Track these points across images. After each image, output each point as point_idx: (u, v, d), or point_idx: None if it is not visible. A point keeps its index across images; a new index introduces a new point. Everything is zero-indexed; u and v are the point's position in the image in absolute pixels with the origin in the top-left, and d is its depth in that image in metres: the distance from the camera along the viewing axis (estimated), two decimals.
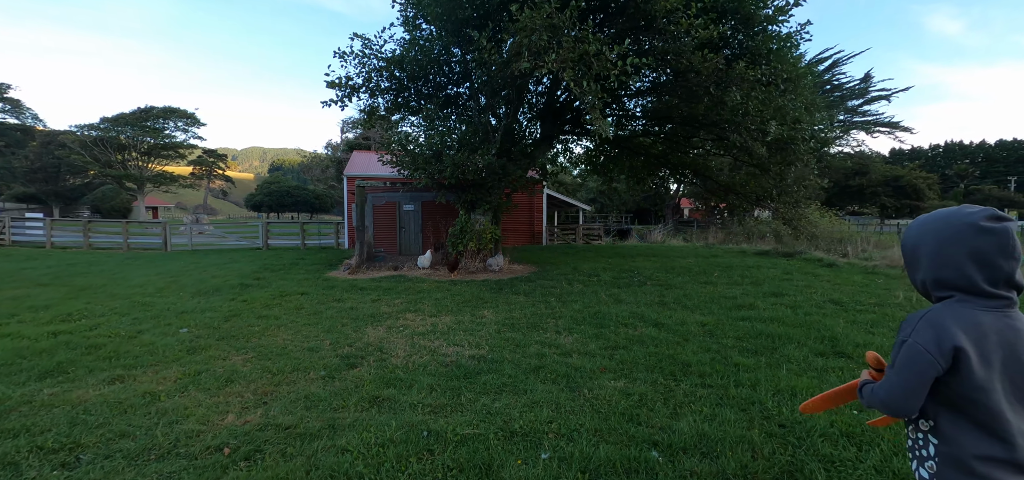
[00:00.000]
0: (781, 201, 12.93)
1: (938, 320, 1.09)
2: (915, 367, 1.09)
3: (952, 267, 1.10)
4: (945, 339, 1.06)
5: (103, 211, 62.78)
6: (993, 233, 1.06)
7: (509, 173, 10.22)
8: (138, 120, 53.54)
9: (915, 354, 1.08)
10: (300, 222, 20.31)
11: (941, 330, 1.07)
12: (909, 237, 1.22)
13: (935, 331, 1.07)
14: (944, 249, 1.12)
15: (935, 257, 1.13)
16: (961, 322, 1.07)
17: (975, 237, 1.07)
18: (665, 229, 30.40)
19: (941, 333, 1.06)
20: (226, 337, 5.21)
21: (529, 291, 8.02)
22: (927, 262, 1.16)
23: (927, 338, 1.08)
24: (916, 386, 1.09)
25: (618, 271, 10.28)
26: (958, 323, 1.07)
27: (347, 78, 10.20)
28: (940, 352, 1.06)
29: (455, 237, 10.59)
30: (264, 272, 10.70)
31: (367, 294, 7.84)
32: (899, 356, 1.12)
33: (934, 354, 1.06)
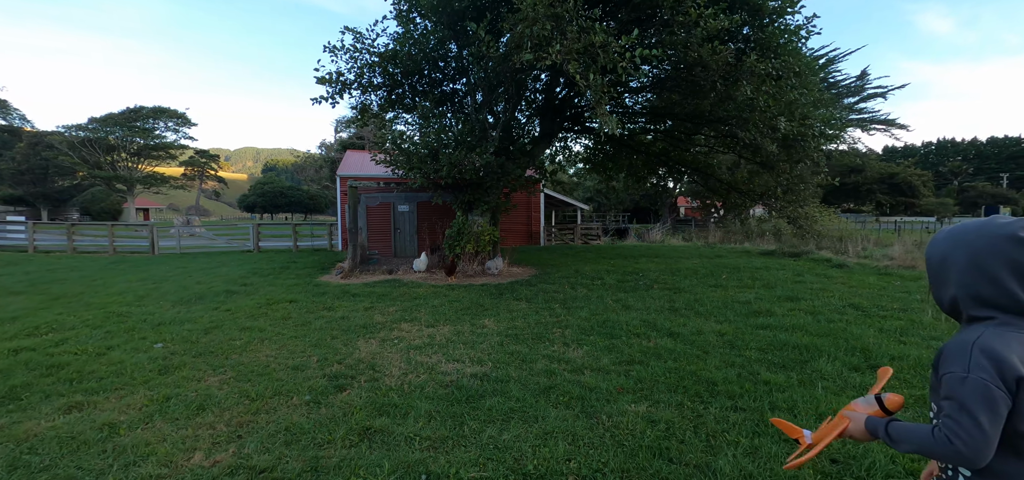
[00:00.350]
0: (786, 199, 12.61)
1: (993, 349, 0.97)
2: (992, 408, 0.95)
3: (990, 282, 1.01)
4: (1007, 369, 0.95)
5: (93, 213, 61.76)
6: None
7: (508, 172, 9.80)
8: (127, 120, 52.62)
9: (985, 390, 0.95)
10: (292, 223, 19.80)
11: (1000, 361, 0.96)
12: (936, 250, 1.12)
13: (994, 362, 0.96)
14: (980, 263, 1.03)
15: (970, 272, 1.04)
16: (1016, 349, 0.97)
17: (1015, 249, 0.99)
18: (663, 228, 30.08)
19: (1002, 364, 0.95)
20: (204, 353, 4.77)
21: (531, 297, 7.61)
22: (959, 277, 1.06)
23: (990, 372, 0.96)
24: (995, 430, 0.96)
25: (622, 273, 9.89)
26: (1013, 350, 0.97)
27: (338, 74, 9.75)
28: (1006, 385, 0.95)
29: (452, 239, 10.16)
30: (252, 277, 10.22)
31: (360, 301, 7.41)
32: (963, 396, 0.97)
33: (1002, 389, 0.95)
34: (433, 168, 9.14)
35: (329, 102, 10.11)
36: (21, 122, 64.93)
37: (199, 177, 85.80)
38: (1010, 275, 1.00)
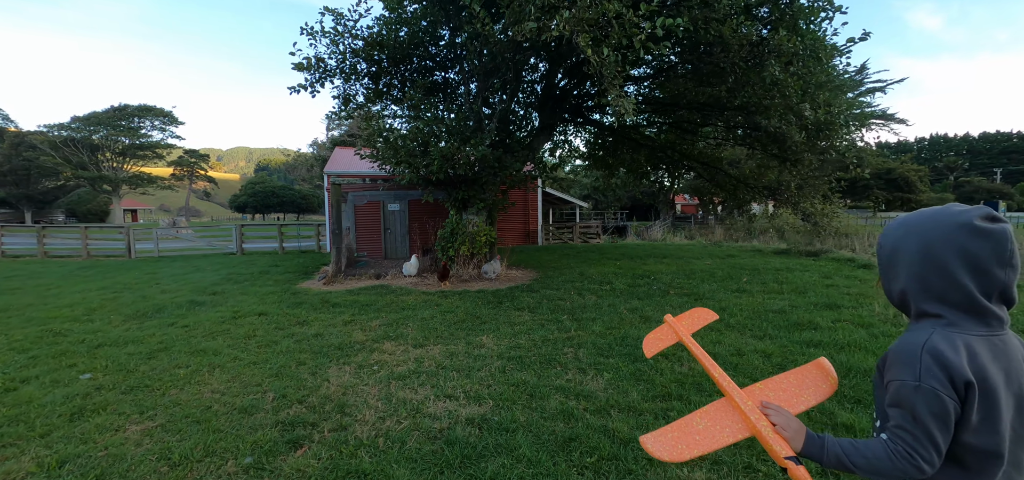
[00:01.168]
0: (803, 194, 11.84)
1: (938, 350, 0.91)
2: (941, 419, 0.89)
3: (941, 274, 0.94)
4: (957, 375, 0.89)
5: (79, 215, 60.20)
6: (989, 235, 0.91)
7: (506, 166, 8.92)
8: (112, 119, 51.19)
9: (936, 400, 0.89)
10: (278, 224, 18.82)
11: (949, 366, 0.89)
12: (887, 239, 1.04)
13: (943, 367, 0.89)
14: (931, 253, 0.95)
15: (920, 263, 0.96)
16: (962, 353, 0.90)
17: (968, 239, 0.92)
18: (663, 226, 29.33)
19: (952, 370, 0.89)
20: (137, 387, 3.87)
21: (534, 306, 6.74)
22: (909, 269, 0.98)
23: (939, 377, 0.89)
24: (946, 436, 0.90)
25: (631, 277, 9.05)
26: (960, 354, 0.90)
27: (317, 59, 8.81)
28: (956, 393, 0.89)
29: (445, 240, 9.27)
30: (225, 284, 9.29)
31: (340, 313, 6.51)
32: (915, 406, 0.91)
33: (952, 397, 0.89)
34: (423, 162, 8.25)
35: (308, 92, 9.18)
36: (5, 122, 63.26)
37: (189, 177, 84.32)
38: (962, 266, 0.92)
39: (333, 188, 9.73)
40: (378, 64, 9.45)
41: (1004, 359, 0.93)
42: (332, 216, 9.73)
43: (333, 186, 9.70)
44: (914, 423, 0.92)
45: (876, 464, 0.95)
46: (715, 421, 1.07)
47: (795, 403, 1.12)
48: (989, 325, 0.93)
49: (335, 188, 9.73)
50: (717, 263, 10.69)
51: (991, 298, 0.93)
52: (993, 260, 0.91)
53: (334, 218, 9.71)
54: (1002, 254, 0.91)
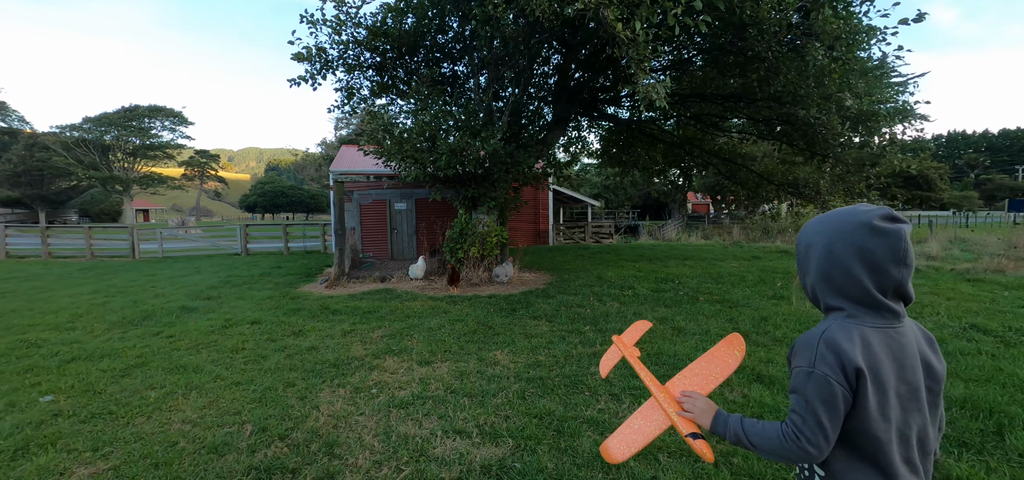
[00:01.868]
0: (833, 191, 11.11)
1: (834, 340, 0.96)
2: (830, 404, 0.95)
3: (841, 270, 1.00)
4: (847, 362, 0.94)
5: (92, 215, 60.79)
6: (885, 234, 0.96)
7: (518, 162, 8.32)
8: (123, 120, 51.47)
9: (827, 386, 0.95)
10: (283, 224, 18.44)
11: (842, 354, 0.95)
12: (802, 237, 1.10)
13: (837, 355, 0.95)
14: (834, 250, 1.01)
15: (825, 259, 1.02)
16: (857, 341, 0.96)
17: (866, 238, 0.97)
18: (677, 225, 28.53)
19: (843, 357, 0.95)
20: (100, 414, 3.34)
21: (552, 314, 6.14)
22: (817, 265, 1.04)
23: (832, 365, 0.95)
24: (833, 424, 0.95)
25: (654, 281, 8.41)
26: (854, 343, 0.95)
27: (318, 49, 8.29)
28: (846, 380, 0.94)
29: (453, 241, 8.71)
30: (222, 287, 8.81)
31: (339, 321, 5.96)
32: (807, 391, 0.97)
33: (843, 384, 0.94)
34: (430, 158, 7.68)
35: (309, 84, 8.66)
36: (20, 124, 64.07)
37: (199, 177, 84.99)
38: (859, 263, 0.98)
39: (336, 186, 9.22)
40: (382, 55, 8.91)
41: (898, 350, 0.98)
42: (336, 216, 9.22)
43: (336, 184, 9.18)
44: (805, 407, 0.97)
45: (768, 444, 1.01)
46: (646, 418, 1.21)
47: (708, 383, 1.23)
48: (884, 318, 0.98)
49: (338, 186, 9.21)
50: (744, 266, 10.00)
51: (887, 294, 0.98)
52: (888, 258, 0.96)
53: (337, 218, 9.20)
54: (896, 252, 0.96)
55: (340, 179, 9.07)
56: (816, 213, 14.27)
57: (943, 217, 40.13)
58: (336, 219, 9.20)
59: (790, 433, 0.98)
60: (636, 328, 1.80)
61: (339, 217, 9.19)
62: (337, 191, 9.21)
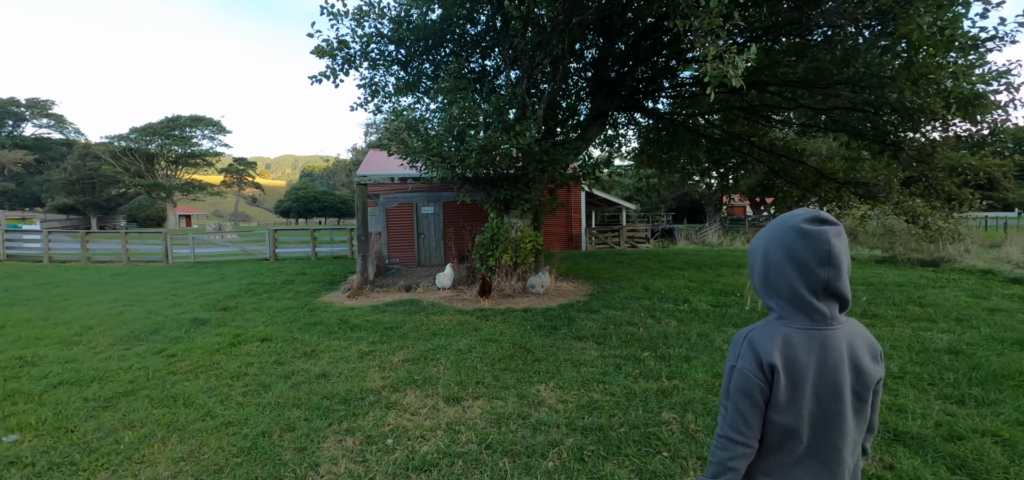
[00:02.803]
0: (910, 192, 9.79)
1: (756, 338, 1.06)
2: (748, 394, 1.04)
3: (776, 271, 1.07)
4: (764, 358, 1.03)
5: (140, 220, 63.69)
6: (808, 236, 1.02)
7: (556, 161, 7.49)
8: (166, 129, 53.73)
9: (744, 379, 1.05)
10: (310, 229, 18.24)
11: (759, 350, 1.04)
12: (753, 243, 1.17)
13: (754, 350, 1.05)
14: (769, 252, 1.08)
15: (762, 262, 1.10)
16: (776, 340, 1.04)
17: (794, 240, 1.04)
18: (717, 229, 26.96)
19: (759, 353, 1.04)
20: (60, 463, 2.73)
21: (600, 334, 5.28)
22: (760, 262, 1.11)
23: (750, 359, 1.05)
24: (752, 413, 1.04)
25: (712, 294, 7.40)
26: (773, 340, 1.04)
27: (340, 42, 7.73)
28: (763, 373, 1.03)
29: (484, 248, 7.96)
30: (243, 295, 8.36)
31: (357, 339, 5.29)
32: (729, 385, 1.09)
33: (759, 376, 1.03)
34: (458, 157, 6.96)
35: (331, 81, 8.12)
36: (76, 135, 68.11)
37: (238, 184, 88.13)
38: (788, 265, 1.04)
39: (359, 189, 8.63)
40: (408, 49, 8.29)
41: (820, 352, 1.02)
42: (359, 220, 8.64)
43: (359, 187, 8.60)
44: (726, 397, 1.08)
45: (713, 461, 1.08)
46: None
47: None
48: (813, 320, 1.03)
49: (361, 189, 8.62)
50: None
51: (817, 294, 1.02)
52: (813, 258, 1.01)
53: (361, 222, 8.61)
54: (820, 253, 1.01)
55: (364, 181, 8.48)
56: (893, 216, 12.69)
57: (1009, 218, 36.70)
58: (359, 224, 8.62)
59: (719, 433, 1.08)
60: None
61: (362, 222, 8.60)
62: (360, 194, 8.62)
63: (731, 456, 1.05)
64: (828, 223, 1.02)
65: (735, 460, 1.05)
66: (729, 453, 1.05)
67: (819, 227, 1.01)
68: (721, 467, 1.06)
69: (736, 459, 1.05)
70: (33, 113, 65.64)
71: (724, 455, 1.05)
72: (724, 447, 1.06)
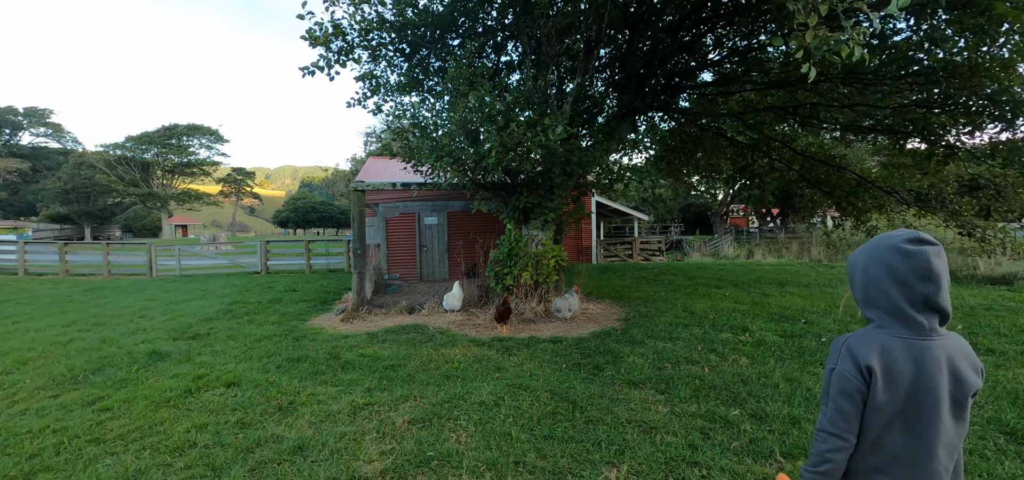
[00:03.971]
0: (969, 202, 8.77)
1: (854, 344, 1.16)
2: (847, 393, 1.14)
3: (875, 285, 1.16)
4: (862, 361, 1.12)
5: (135, 230, 62.53)
6: (909, 255, 1.12)
7: (586, 162, 6.43)
8: (162, 138, 52.82)
9: (844, 379, 1.15)
10: (305, 240, 17.14)
11: (857, 354, 1.14)
12: (852, 259, 1.26)
13: (853, 355, 1.14)
14: (870, 269, 1.18)
15: (863, 277, 1.20)
16: (874, 345, 1.13)
17: (893, 258, 1.13)
18: (729, 240, 25.91)
19: (858, 357, 1.13)
20: None
21: (658, 376, 4.15)
22: (859, 277, 1.21)
23: (849, 362, 1.14)
24: (851, 412, 1.14)
25: (769, 318, 6.29)
26: (871, 346, 1.13)
27: (334, 26, 6.69)
28: (861, 375, 1.12)
29: (499, 265, 6.86)
30: (220, 319, 7.24)
31: (350, 383, 4.16)
32: (829, 385, 1.18)
33: (858, 378, 1.13)
34: (473, 158, 5.89)
35: (325, 73, 7.08)
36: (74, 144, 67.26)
37: (236, 194, 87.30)
38: (889, 280, 1.14)
39: (355, 197, 7.54)
40: (412, 38, 7.27)
41: (918, 359, 1.10)
42: (355, 231, 7.54)
43: (355, 194, 7.50)
44: (826, 396, 1.20)
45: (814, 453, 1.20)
46: None
47: None
48: (912, 330, 1.12)
49: (358, 197, 7.53)
50: None
51: (917, 307, 1.11)
52: (913, 275, 1.11)
53: (357, 233, 7.51)
54: (921, 270, 1.11)
55: (361, 187, 7.39)
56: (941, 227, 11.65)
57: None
58: (356, 235, 7.52)
59: (819, 428, 1.19)
60: None
61: (359, 233, 7.50)
62: (357, 202, 7.53)
63: (829, 448, 1.16)
64: (928, 243, 1.12)
65: (833, 452, 1.16)
66: (828, 445, 1.16)
67: (919, 247, 1.11)
68: (820, 458, 1.18)
69: (834, 451, 1.16)
70: (30, 121, 64.86)
71: (823, 447, 1.17)
72: (824, 440, 1.17)
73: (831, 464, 1.16)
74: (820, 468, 1.17)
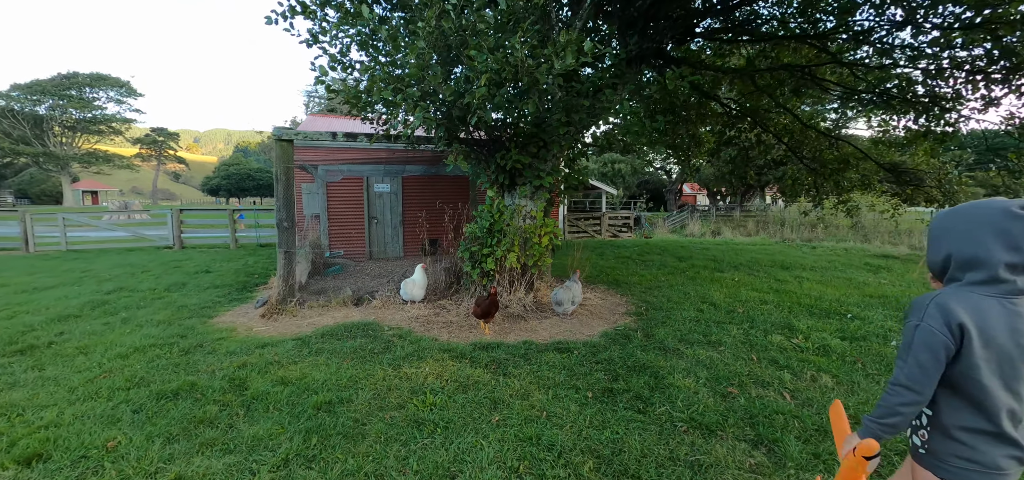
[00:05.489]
0: None
1: (945, 303, 1.17)
2: (931, 349, 1.16)
3: (979, 244, 1.17)
4: (953, 319, 1.14)
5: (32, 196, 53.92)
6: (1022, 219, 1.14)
7: (597, 109, 4.90)
8: (59, 89, 45.27)
9: (930, 337, 1.16)
10: (230, 209, 14.51)
11: (949, 312, 1.15)
12: (940, 219, 1.29)
13: (943, 313, 1.16)
14: (974, 232, 1.19)
15: (965, 235, 1.20)
16: (966, 305, 1.15)
17: (1005, 220, 1.15)
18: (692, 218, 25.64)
19: (949, 315, 1.15)
20: None
21: (739, 418, 2.81)
22: (956, 239, 1.22)
23: (938, 321, 1.16)
24: (933, 367, 1.16)
25: (814, 313, 5.20)
26: (963, 305, 1.15)
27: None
28: (950, 333, 1.14)
29: (478, 243, 5.28)
30: (86, 314, 5.17)
31: (251, 446, 2.49)
32: (914, 341, 1.19)
33: (946, 335, 1.15)
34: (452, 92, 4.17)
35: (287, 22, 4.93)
36: None
37: (157, 158, 78.46)
38: (996, 241, 1.15)
39: (279, 150, 5.57)
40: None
41: (1012, 318, 1.14)
42: (279, 196, 5.61)
43: (279, 146, 5.53)
44: (907, 351, 1.20)
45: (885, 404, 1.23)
46: None
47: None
48: (1003, 291, 1.15)
49: (282, 149, 5.56)
50: (888, 278, 6.91)
51: (1017, 270, 1.14)
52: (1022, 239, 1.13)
53: (282, 198, 5.58)
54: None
55: (285, 136, 5.42)
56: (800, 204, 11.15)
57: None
58: (281, 200, 5.59)
59: (894, 382, 1.22)
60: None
61: (285, 197, 5.57)
62: (282, 156, 5.56)
63: (902, 401, 1.19)
64: None
65: (905, 406, 1.19)
66: (901, 399, 1.20)
67: None
68: (890, 410, 1.21)
69: (906, 405, 1.19)
70: None
71: (896, 400, 1.20)
72: (898, 394, 1.20)
73: (900, 417, 1.21)
74: (888, 420, 1.21)
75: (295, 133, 5.57)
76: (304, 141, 5.67)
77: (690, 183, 47.54)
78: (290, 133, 5.49)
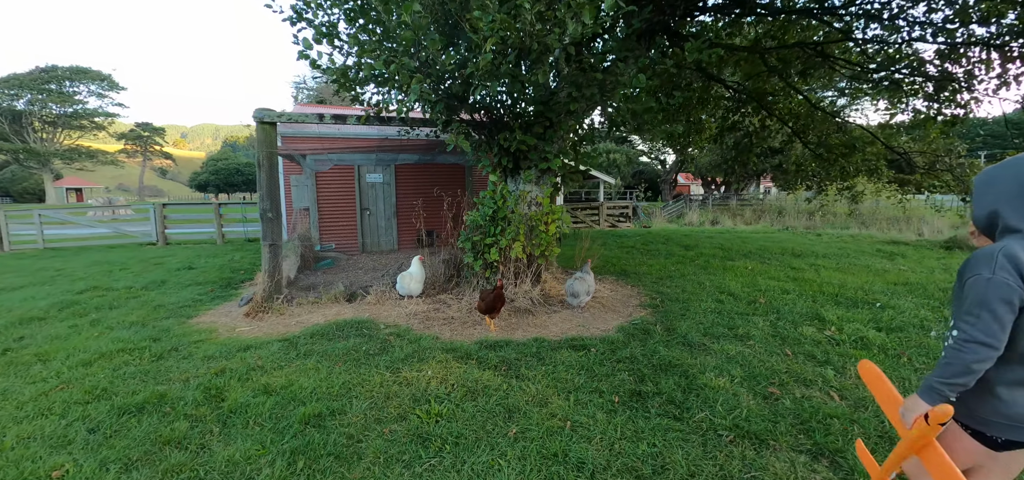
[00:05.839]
0: None
1: (1016, 254, 1.12)
2: (1007, 301, 1.12)
3: None
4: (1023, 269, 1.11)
5: (14, 194, 52.43)
6: None
7: (613, 83, 4.51)
8: (38, 83, 43.87)
9: (1006, 288, 1.12)
10: (216, 203, 13.95)
11: (1019, 262, 1.11)
12: (986, 174, 1.26)
13: (1014, 263, 1.12)
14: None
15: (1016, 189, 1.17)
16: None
17: None
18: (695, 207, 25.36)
19: (1020, 265, 1.11)
20: None
21: (788, 423, 2.47)
22: (1006, 191, 1.19)
23: (1011, 270, 1.12)
24: (1008, 319, 1.12)
25: (837, 301, 4.88)
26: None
27: None
28: (1021, 283, 1.11)
29: (480, 232, 4.89)
30: (53, 316, 4.72)
31: (225, 471, 2.10)
32: (988, 294, 1.13)
33: (1020, 286, 1.11)
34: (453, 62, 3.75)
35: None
36: None
37: (143, 153, 76.96)
38: None
39: (261, 133, 5.11)
40: None
41: None
42: (262, 184, 5.16)
43: (260, 128, 5.06)
44: (980, 307, 1.14)
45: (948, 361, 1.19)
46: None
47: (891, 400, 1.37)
48: None
49: (264, 132, 5.10)
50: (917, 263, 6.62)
51: None
52: None
53: (266, 187, 5.14)
54: None
55: (268, 118, 4.96)
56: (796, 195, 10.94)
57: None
58: (264, 189, 5.14)
59: (965, 339, 1.15)
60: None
61: (269, 186, 5.13)
62: (264, 140, 5.11)
63: (978, 359, 1.14)
64: None
65: (980, 363, 1.15)
66: (974, 356, 1.14)
67: None
68: (965, 368, 1.15)
69: (981, 362, 1.15)
70: None
71: (970, 358, 1.14)
72: (971, 351, 1.14)
73: (973, 376, 1.17)
74: (960, 379, 1.17)
75: (278, 115, 5.11)
76: (289, 123, 5.23)
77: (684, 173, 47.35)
78: (272, 115, 5.04)
